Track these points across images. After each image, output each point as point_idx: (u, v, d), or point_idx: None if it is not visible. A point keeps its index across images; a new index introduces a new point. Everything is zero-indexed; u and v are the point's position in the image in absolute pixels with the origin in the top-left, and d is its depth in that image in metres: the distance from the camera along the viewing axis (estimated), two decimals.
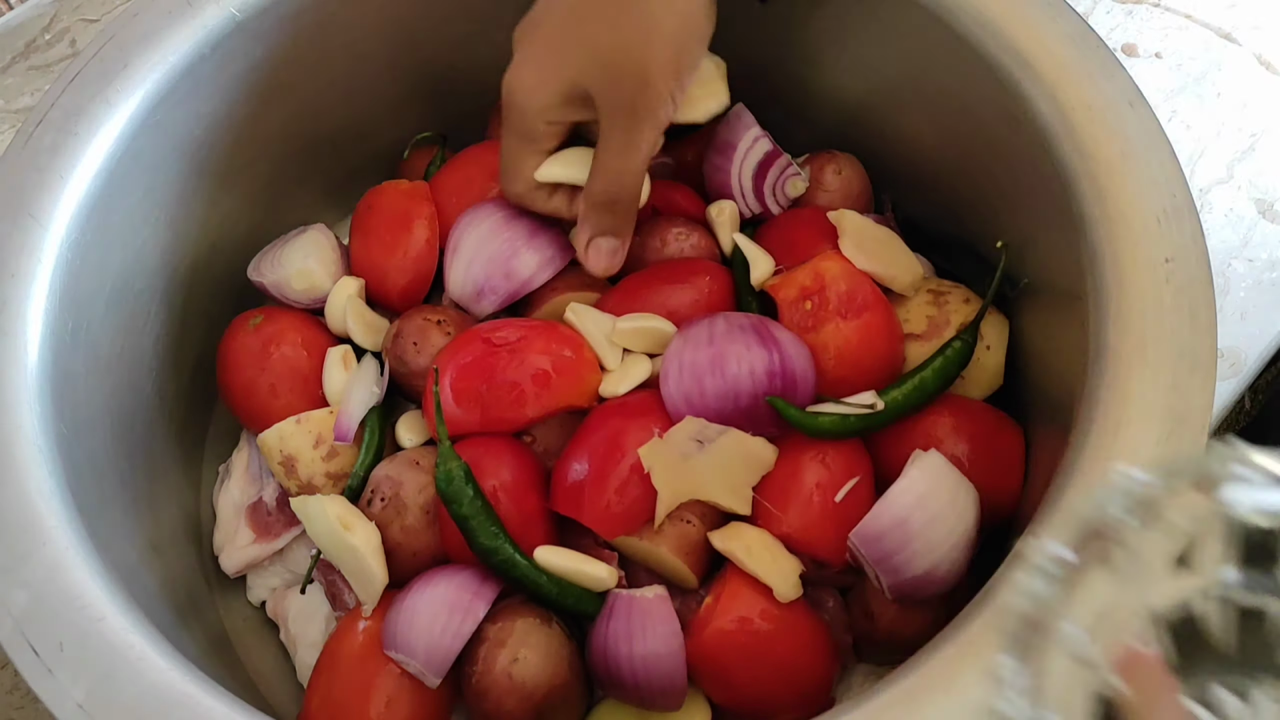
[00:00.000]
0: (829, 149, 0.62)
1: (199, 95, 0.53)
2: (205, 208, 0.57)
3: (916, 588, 0.47)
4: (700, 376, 0.49)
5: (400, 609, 0.47)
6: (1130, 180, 0.44)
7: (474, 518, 0.47)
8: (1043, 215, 0.49)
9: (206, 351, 0.59)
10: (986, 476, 0.49)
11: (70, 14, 0.72)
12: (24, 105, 0.69)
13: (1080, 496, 0.39)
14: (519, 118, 0.47)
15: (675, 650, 0.46)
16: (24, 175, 0.48)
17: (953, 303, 0.54)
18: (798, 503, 0.48)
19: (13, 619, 0.39)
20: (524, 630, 0.46)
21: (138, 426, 0.54)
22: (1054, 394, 0.48)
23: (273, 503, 0.56)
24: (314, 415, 0.54)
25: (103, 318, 0.50)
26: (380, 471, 0.52)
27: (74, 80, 0.50)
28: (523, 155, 0.49)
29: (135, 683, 0.38)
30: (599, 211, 0.50)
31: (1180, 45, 0.68)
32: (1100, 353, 0.41)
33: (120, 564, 0.43)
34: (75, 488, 0.43)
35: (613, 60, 0.44)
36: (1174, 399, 0.39)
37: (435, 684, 0.46)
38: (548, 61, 0.45)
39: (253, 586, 0.57)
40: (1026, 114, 0.47)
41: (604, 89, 0.45)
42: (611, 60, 0.44)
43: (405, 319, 0.55)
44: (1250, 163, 0.64)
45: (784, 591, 0.46)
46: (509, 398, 0.50)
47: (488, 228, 0.56)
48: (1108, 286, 0.42)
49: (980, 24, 0.49)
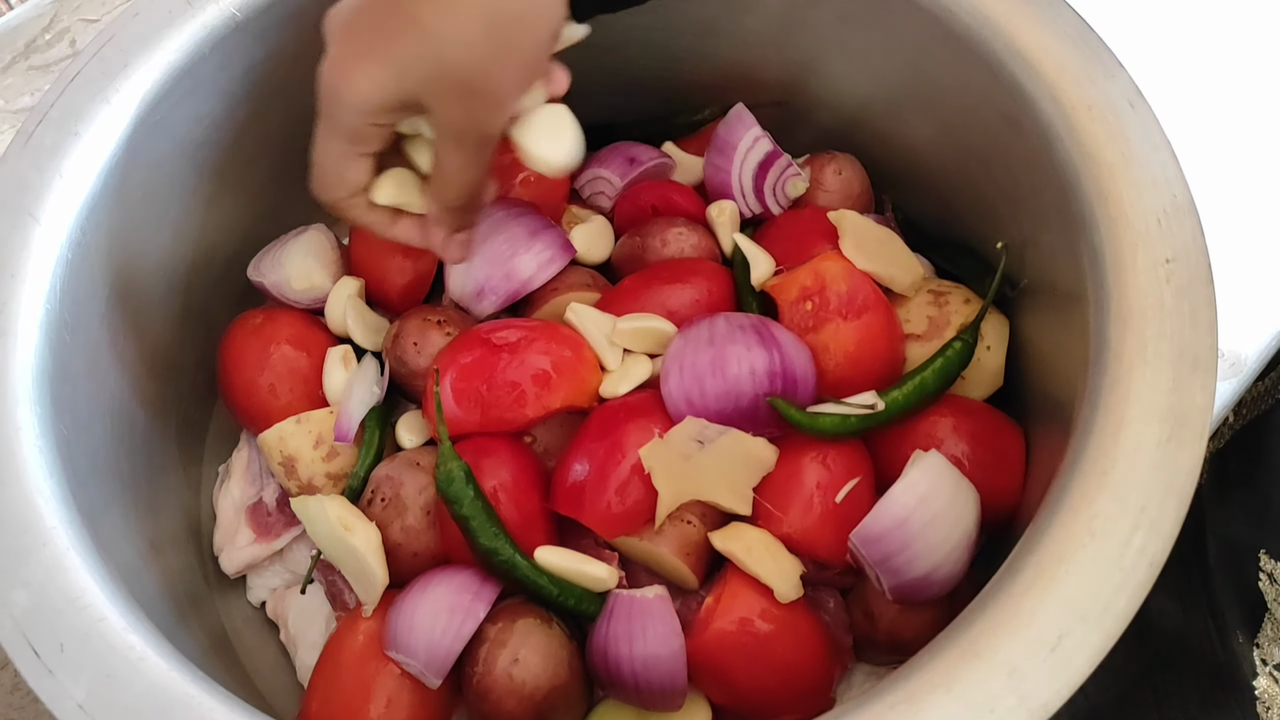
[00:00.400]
0: (829, 149, 0.62)
1: (199, 95, 0.53)
2: (205, 208, 0.57)
3: (917, 588, 0.47)
4: (701, 377, 0.49)
5: (400, 609, 0.47)
6: (1131, 180, 0.44)
7: (474, 518, 0.47)
8: (1043, 215, 0.49)
9: (206, 351, 0.59)
10: (986, 476, 0.49)
11: (70, 14, 0.72)
12: (24, 105, 0.69)
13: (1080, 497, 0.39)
14: (345, 117, 0.43)
15: (675, 651, 0.46)
16: (24, 175, 0.48)
17: (953, 303, 0.54)
18: (798, 503, 0.48)
19: (13, 619, 0.39)
20: (524, 631, 0.46)
21: (138, 426, 0.54)
22: (1054, 394, 0.48)
23: (273, 503, 0.56)
24: (314, 415, 0.54)
25: (103, 318, 0.50)
26: (380, 472, 0.52)
27: (74, 80, 0.50)
28: (346, 159, 0.45)
29: (135, 683, 0.38)
30: (453, 216, 0.48)
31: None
32: (1101, 353, 0.41)
33: (120, 564, 0.43)
34: (75, 488, 0.43)
35: (463, 80, 0.41)
36: (1174, 399, 0.39)
37: (435, 684, 0.46)
38: (382, 66, 0.41)
39: (253, 586, 0.57)
40: (1027, 114, 0.47)
41: (450, 108, 0.42)
42: (461, 80, 0.41)
43: (405, 319, 0.55)
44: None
45: (784, 592, 0.46)
46: (509, 398, 0.50)
47: (488, 228, 0.56)
48: (1108, 287, 0.42)
49: (980, 24, 0.49)
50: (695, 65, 0.64)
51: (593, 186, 0.63)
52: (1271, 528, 0.47)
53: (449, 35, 0.40)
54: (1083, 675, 0.35)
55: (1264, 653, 0.46)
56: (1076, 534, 0.38)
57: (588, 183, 0.63)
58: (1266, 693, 0.45)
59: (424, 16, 0.40)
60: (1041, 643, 0.36)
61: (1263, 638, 0.46)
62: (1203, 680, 0.48)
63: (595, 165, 0.63)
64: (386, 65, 0.41)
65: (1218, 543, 0.49)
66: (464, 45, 0.40)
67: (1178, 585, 0.49)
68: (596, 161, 0.63)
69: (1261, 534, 0.47)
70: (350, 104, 0.42)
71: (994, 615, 0.37)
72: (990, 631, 0.37)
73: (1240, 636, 0.47)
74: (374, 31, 0.41)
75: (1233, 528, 0.49)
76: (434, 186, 0.46)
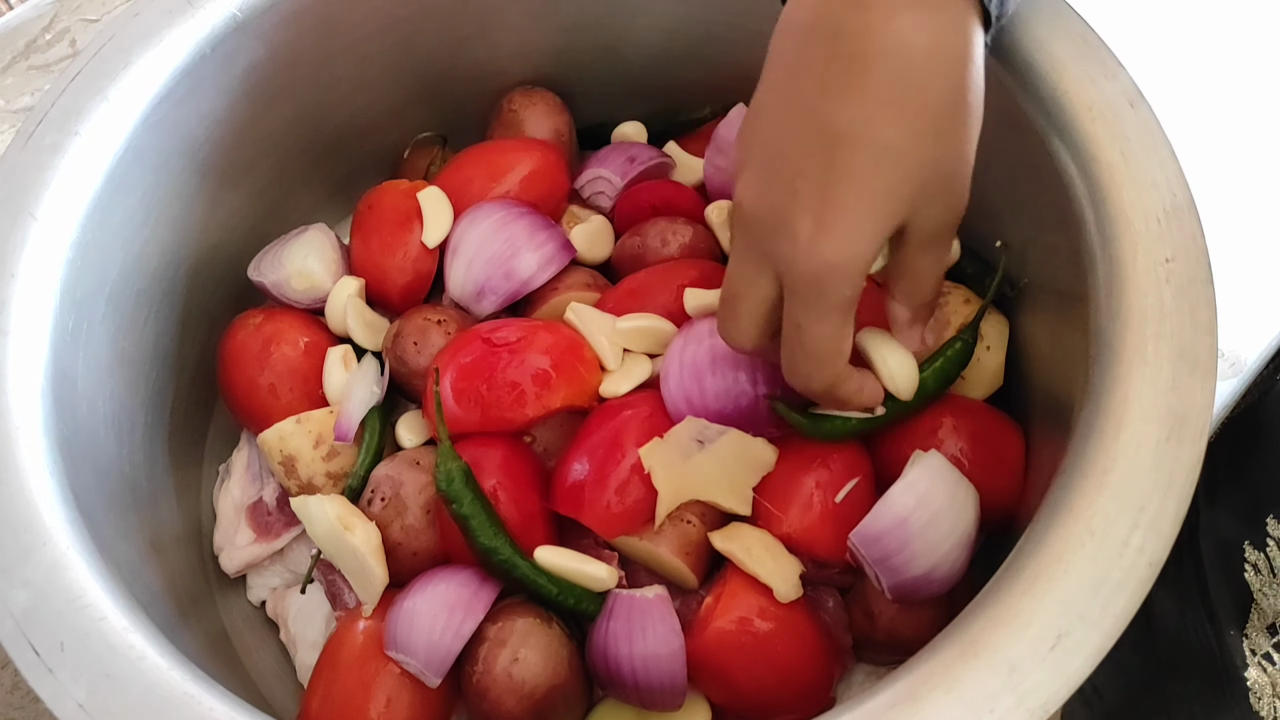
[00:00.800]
0: None
1: (199, 95, 0.53)
2: (206, 208, 0.57)
3: (916, 588, 0.47)
4: (701, 376, 0.49)
5: (400, 609, 0.47)
6: (1130, 180, 0.44)
7: (474, 518, 0.47)
8: (1043, 215, 0.49)
9: (206, 351, 0.59)
10: (986, 476, 0.49)
11: (70, 14, 0.72)
12: (24, 105, 0.69)
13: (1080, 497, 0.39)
14: (849, 289, 0.36)
15: (675, 650, 0.46)
16: (24, 175, 0.48)
17: (953, 303, 0.54)
18: (798, 503, 0.48)
19: (13, 619, 0.39)
20: (524, 630, 0.46)
21: (138, 426, 0.54)
22: (1054, 394, 0.48)
23: (273, 503, 0.56)
24: (314, 415, 0.54)
25: (103, 318, 0.50)
26: (380, 471, 0.52)
27: (74, 80, 0.50)
28: (847, 326, 0.38)
29: (135, 683, 0.38)
30: (926, 310, 0.43)
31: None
32: (1100, 353, 0.41)
33: (120, 564, 0.43)
34: (75, 488, 0.43)
35: (939, 177, 0.36)
36: (1174, 399, 0.39)
37: (435, 684, 0.46)
38: (868, 212, 0.35)
39: (253, 586, 0.57)
40: (1026, 114, 0.47)
41: (929, 213, 0.37)
42: (938, 178, 0.36)
43: (405, 319, 0.55)
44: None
45: (785, 592, 0.46)
46: (509, 398, 0.50)
47: (488, 228, 0.56)
48: (1108, 287, 0.42)
49: None
50: (695, 67, 0.64)
51: (593, 186, 0.63)
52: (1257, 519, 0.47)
53: (917, 143, 0.35)
54: (1083, 674, 0.35)
55: (1252, 643, 0.46)
56: (1076, 533, 0.38)
57: (588, 183, 0.63)
58: (1256, 683, 0.45)
59: (883, 135, 0.34)
60: (1041, 642, 0.36)
61: (1250, 628, 0.46)
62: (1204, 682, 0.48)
63: (595, 165, 0.63)
64: (872, 209, 0.35)
65: (1209, 539, 0.49)
66: (936, 140, 0.35)
67: (1175, 586, 0.49)
68: (596, 161, 0.63)
69: (1249, 527, 0.47)
70: (851, 270, 0.36)
71: (993, 614, 0.37)
72: (990, 631, 0.36)
73: (1233, 630, 0.47)
74: (830, 180, 0.34)
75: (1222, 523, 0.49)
76: (907, 290, 0.41)
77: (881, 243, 0.36)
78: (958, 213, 0.39)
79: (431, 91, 0.64)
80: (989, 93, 0.49)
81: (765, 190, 0.36)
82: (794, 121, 0.35)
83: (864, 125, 0.34)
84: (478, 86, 0.64)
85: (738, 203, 0.37)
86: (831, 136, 0.34)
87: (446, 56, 0.62)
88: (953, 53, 0.35)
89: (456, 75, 0.63)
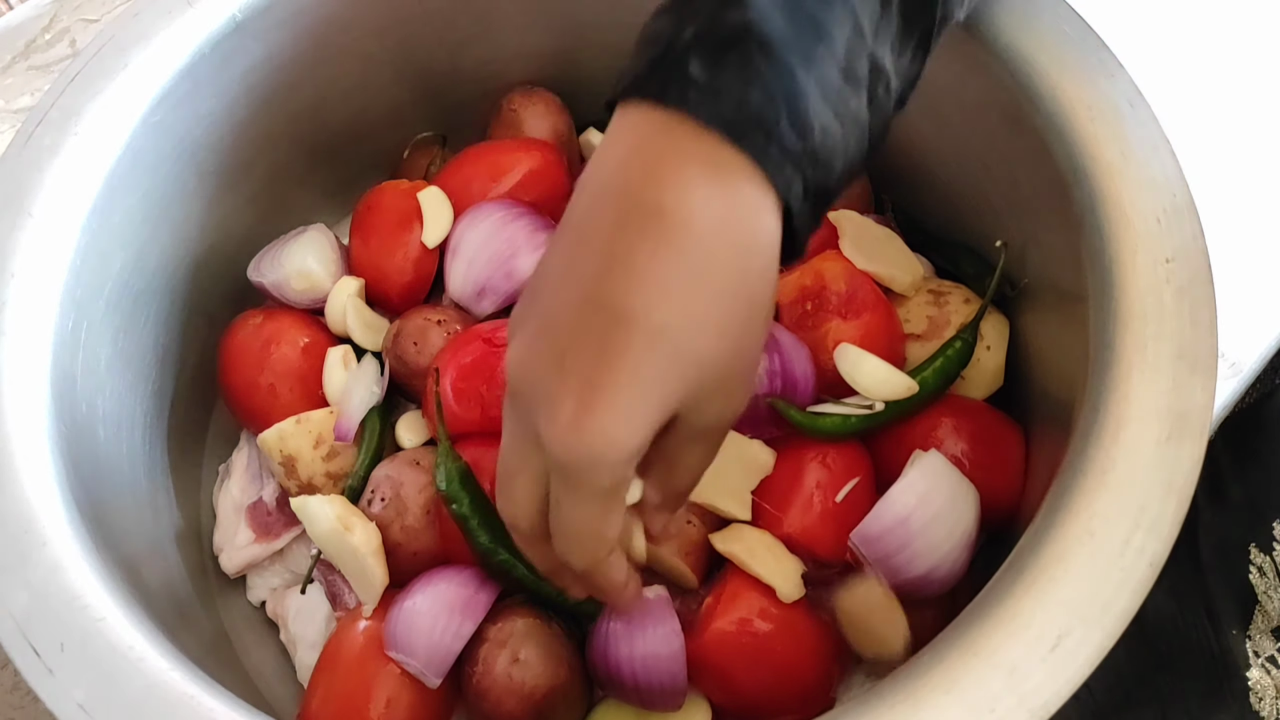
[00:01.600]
0: None
1: (199, 95, 0.53)
2: (205, 208, 0.57)
3: (917, 588, 0.47)
4: None
5: (400, 609, 0.47)
6: (1130, 180, 0.44)
7: (474, 518, 0.47)
8: (1043, 215, 0.49)
9: (206, 351, 0.59)
10: (986, 476, 0.49)
11: (70, 14, 0.72)
12: (24, 105, 0.69)
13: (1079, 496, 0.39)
14: (606, 477, 0.33)
15: (675, 650, 0.46)
16: (24, 175, 0.48)
17: (953, 303, 0.54)
18: (798, 503, 0.48)
19: (13, 619, 0.39)
20: (524, 630, 0.46)
21: (138, 426, 0.54)
22: (1054, 394, 0.48)
23: (273, 503, 0.56)
24: (314, 415, 0.54)
25: (103, 318, 0.50)
26: (380, 471, 0.52)
27: (74, 80, 0.50)
28: (609, 513, 0.35)
29: (135, 683, 0.38)
30: (677, 502, 0.40)
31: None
32: (1100, 353, 0.41)
33: (120, 564, 0.43)
34: (75, 488, 0.43)
35: (723, 376, 0.34)
36: (1174, 399, 0.39)
37: (435, 684, 0.46)
38: (637, 401, 0.32)
39: (253, 586, 0.57)
40: (1026, 114, 0.47)
41: (707, 409, 0.35)
42: (722, 376, 0.34)
43: (405, 319, 0.55)
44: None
45: (787, 591, 0.46)
46: None
47: (488, 228, 0.56)
48: (1108, 287, 0.42)
49: (980, 24, 0.49)
50: None
51: None
52: (1261, 522, 0.47)
53: (699, 332, 0.32)
54: (1083, 675, 0.35)
55: (1255, 644, 0.46)
56: (1076, 534, 0.38)
57: None
58: (1259, 684, 0.45)
59: (662, 321, 0.32)
60: (1041, 642, 0.36)
61: (1254, 629, 0.46)
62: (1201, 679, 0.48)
63: None
64: (641, 396, 0.32)
65: (1209, 539, 0.49)
66: (718, 335, 0.33)
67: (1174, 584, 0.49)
68: None
69: (1251, 528, 0.47)
70: (609, 458, 0.33)
71: (994, 615, 0.37)
72: (990, 631, 0.36)
73: (1234, 630, 0.47)
74: (600, 361, 0.32)
75: (1223, 523, 0.49)
76: (663, 478, 0.39)
77: (648, 433, 0.33)
78: (734, 412, 0.36)
79: (431, 92, 0.64)
80: (989, 92, 0.49)
81: (533, 362, 0.34)
82: (572, 292, 0.33)
83: (643, 308, 0.32)
84: (478, 87, 0.64)
85: (506, 370, 0.35)
86: (609, 315, 0.32)
87: (446, 57, 0.62)
88: (745, 243, 0.33)
89: (456, 75, 0.63)
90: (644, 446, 0.33)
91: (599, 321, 0.32)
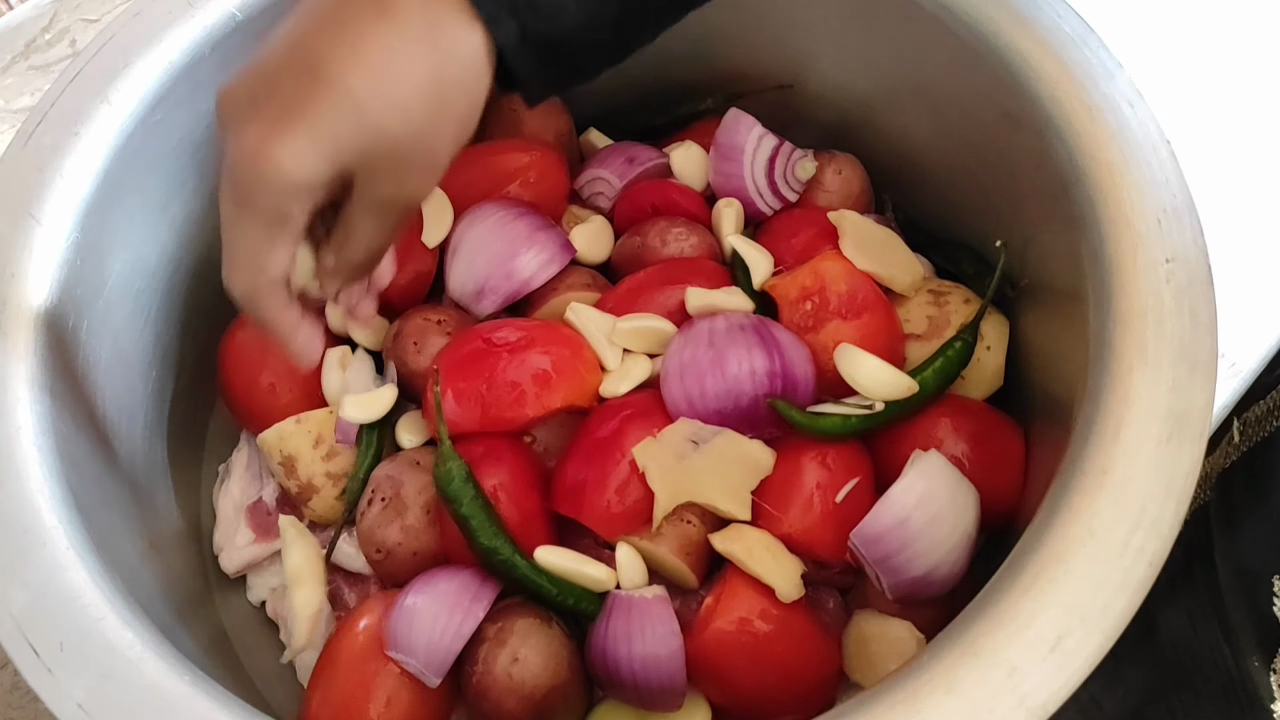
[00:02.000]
0: (829, 149, 0.62)
1: (199, 95, 0.53)
2: (205, 208, 0.57)
3: (917, 588, 0.47)
4: (701, 377, 0.49)
5: (400, 609, 0.47)
6: (1130, 180, 0.44)
7: (474, 518, 0.47)
8: (1043, 215, 0.49)
9: (206, 351, 0.59)
10: (986, 476, 0.49)
11: (70, 14, 0.72)
12: (24, 105, 0.69)
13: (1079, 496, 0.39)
14: (268, 200, 0.37)
15: (675, 650, 0.46)
16: (24, 175, 0.48)
17: (953, 303, 0.54)
18: (798, 503, 0.48)
19: (13, 619, 0.39)
20: (524, 630, 0.46)
21: (138, 426, 0.54)
22: (1054, 394, 0.48)
23: (273, 502, 0.56)
24: (314, 415, 0.54)
25: (103, 318, 0.50)
26: (380, 471, 0.52)
27: (74, 80, 0.50)
28: (270, 244, 0.39)
29: (135, 683, 0.38)
30: (353, 272, 0.44)
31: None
32: (1100, 353, 0.41)
33: (120, 564, 0.43)
34: (75, 488, 0.43)
35: (400, 151, 0.38)
36: (1174, 399, 0.39)
37: (435, 684, 0.46)
38: (310, 141, 0.36)
39: (253, 586, 0.57)
40: (1027, 114, 0.47)
41: (383, 179, 0.39)
42: (399, 151, 0.38)
43: (405, 319, 0.55)
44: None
45: (787, 591, 0.46)
46: (509, 398, 0.50)
47: (488, 228, 0.56)
48: (1108, 287, 0.42)
49: (980, 24, 0.49)
50: (696, 66, 0.64)
51: (592, 187, 0.63)
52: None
53: (384, 104, 0.37)
54: (1083, 675, 0.35)
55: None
56: (1076, 534, 0.38)
57: (587, 183, 0.63)
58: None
59: (354, 85, 0.36)
60: (1041, 642, 0.36)
61: (1278, 663, 0.45)
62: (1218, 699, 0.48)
63: (595, 165, 0.63)
64: (315, 140, 0.36)
65: (1227, 565, 0.48)
66: (401, 114, 0.37)
67: (1188, 604, 0.49)
68: (596, 161, 0.63)
69: (1273, 557, 0.46)
70: (274, 185, 0.37)
71: (994, 615, 0.37)
72: (990, 631, 0.36)
73: (1256, 660, 0.46)
74: (292, 103, 0.36)
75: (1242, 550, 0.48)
76: (341, 244, 0.42)
77: (314, 176, 0.37)
78: (404, 197, 0.40)
79: None
80: (989, 92, 0.50)
81: (237, 95, 0.38)
82: (291, 44, 0.38)
83: (338, 70, 0.36)
84: None
85: (216, 100, 0.39)
86: (307, 68, 0.37)
87: None
88: (446, 48, 0.37)
89: None
90: (310, 188, 0.37)
91: (298, 70, 0.37)
